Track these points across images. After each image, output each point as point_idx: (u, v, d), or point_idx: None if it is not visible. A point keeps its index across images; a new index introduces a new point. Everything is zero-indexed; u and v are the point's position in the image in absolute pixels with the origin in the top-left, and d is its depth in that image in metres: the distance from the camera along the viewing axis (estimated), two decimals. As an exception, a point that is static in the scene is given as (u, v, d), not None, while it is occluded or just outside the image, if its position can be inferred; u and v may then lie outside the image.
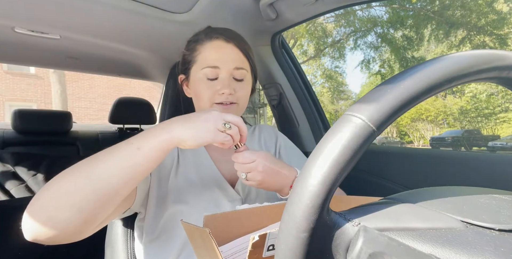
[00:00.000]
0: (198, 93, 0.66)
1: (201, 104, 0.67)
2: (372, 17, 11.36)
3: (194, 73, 0.67)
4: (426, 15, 10.05)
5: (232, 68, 0.65)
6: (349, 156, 0.22)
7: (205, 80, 0.65)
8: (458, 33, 10.34)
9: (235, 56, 0.66)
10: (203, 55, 0.65)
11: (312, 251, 0.23)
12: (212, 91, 0.64)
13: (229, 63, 0.64)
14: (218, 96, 0.64)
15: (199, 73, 0.65)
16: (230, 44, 0.66)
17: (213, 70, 0.64)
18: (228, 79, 0.65)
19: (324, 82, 16.04)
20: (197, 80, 0.66)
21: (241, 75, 0.66)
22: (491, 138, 10.95)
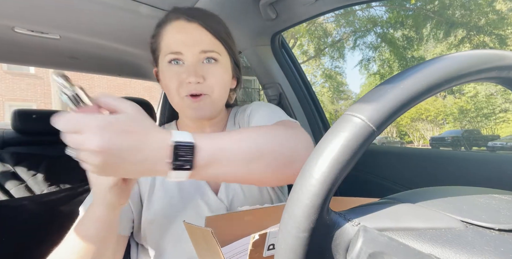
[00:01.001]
0: (165, 85, 0.59)
1: (171, 98, 0.60)
2: (372, 17, 11.36)
3: (161, 62, 0.60)
4: (426, 15, 10.05)
5: (198, 52, 0.56)
6: (349, 156, 0.22)
7: (169, 67, 0.57)
8: (458, 33, 10.34)
9: (201, 37, 0.56)
10: (165, 41, 0.58)
11: (312, 251, 0.23)
12: (178, 81, 0.56)
13: (193, 46, 0.56)
14: (185, 86, 0.56)
15: (164, 61, 0.58)
16: (193, 24, 0.56)
17: (176, 56, 0.56)
18: (195, 65, 0.56)
19: (324, 82, 16.04)
20: (163, 69, 0.59)
21: (211, 57, 0.58)
22: (491, 138, 10.95)
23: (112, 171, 0.34)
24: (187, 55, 0.56)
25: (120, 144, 0.32)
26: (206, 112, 0.59)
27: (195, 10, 0.60)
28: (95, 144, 0.31)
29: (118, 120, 0.33)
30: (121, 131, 0.32)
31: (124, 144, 0.32)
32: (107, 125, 0.32)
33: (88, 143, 0.31)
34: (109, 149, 0.31)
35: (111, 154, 0.32)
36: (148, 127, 0.35)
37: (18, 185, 1.38)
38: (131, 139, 0.33)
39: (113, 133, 0.32)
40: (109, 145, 0.31)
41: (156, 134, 0.35)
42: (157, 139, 0.35)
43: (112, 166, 0.33)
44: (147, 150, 0.33)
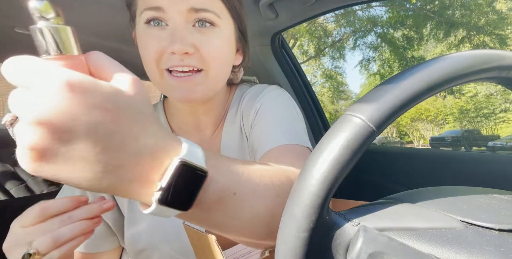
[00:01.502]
0: (141, 53, 0.45)
1: (148, 69, 0.45)
2: (372, 17, 11.36)
3: (137, 20, 0.45)
4: (426, 15, 10.06)
5: (186, 10, 0.41)
6: (349, 156, 0.22)
7: (146, 29, 0.42)
8: (458, 32, 10.35)
9: None
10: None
11: (312, 251, 0.23)
12: (157, 50, 0.42)
13: (180, 0, 0.40)
14: (168, 56, 0.42)
15: (139, 19, 0.43)
16: None
17: (155, 13, 0.41)
18: (183, 29, 0.41)
19: (324, 82, 16.05)
20: (139, 31, 0.44)
21: (202, 17, 0.42)
22: (491, 138, 10.95)
23: (52, 170, 0.20)
24: (170, 13, 0.41)
25: (88, 127, 0.19)
26: (197, 94, 0.45)
27: None
28: (44, 112, 0.18)
29: (102, 91, 0.20)
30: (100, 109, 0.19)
31: (96, 130, 0.19)
32: (81, 91, 0.19)
33: (36, 108, 0.18)
34: (66, 129, 0.18)
35: (65, 140, 0.19)
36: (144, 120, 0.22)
37: (18, 185, 1.38)
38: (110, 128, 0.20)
39: (86, 107, 0.19)
40: (70, 122, 0.18)
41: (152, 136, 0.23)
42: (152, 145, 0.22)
43: (57, 161, 0.19)
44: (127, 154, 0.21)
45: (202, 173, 0.24)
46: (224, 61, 0.46)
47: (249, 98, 0.57)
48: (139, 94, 0.23)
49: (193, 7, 0.41)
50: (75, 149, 0.19)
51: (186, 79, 0.43)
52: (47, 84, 0.18)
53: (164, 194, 0.22)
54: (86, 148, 0.19)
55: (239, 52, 0.54)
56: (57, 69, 0.20)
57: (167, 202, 0.22)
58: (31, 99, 0.19)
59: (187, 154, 0.23)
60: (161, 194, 0.22)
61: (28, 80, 0.19)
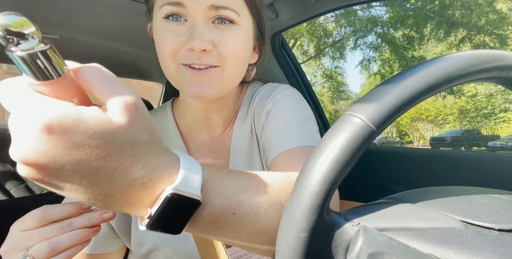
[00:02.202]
0: (158, 47, 0.44)
1: (163, 65, 0.45)
2: (372, 17, 11.37)
3: (155, 15, 0.44)
4: (426, 15, 10.06)
5: (207, 7, 0.40)
6: (349, 156, 0.22)
7: (164, 24, 0.42)
8: (458, 32, 10.35)
9: None
10: None
11: (312, 251, 0.23)
12: (175, 45, 0.41)
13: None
14: (185, 52, 0.41)
15: (158, 14, 0.43)
16: None
17: (175, 8, 0.40)
18: (202, 25, 0.41)
19: (324, 82, 16.05)
20: (157, 25, 0.43)
21: (224, 16, 0.42)
22: (491, 138, 10.95)
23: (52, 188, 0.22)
24: (191, 9, 0.40)
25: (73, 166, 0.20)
26: (212, 91, 0.44)
27: None
28: (27, 153, 0.19)
29: (86, 127, 0.20)
30: (84, 147, 0.19)
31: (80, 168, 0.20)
32: (62, 132, 0.19)
33: (20, 149, 0.19)
34: (51, 168, 0.20)
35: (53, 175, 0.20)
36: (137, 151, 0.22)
37: (18, 185, 1.38)
38: (96, 165, 0.20)
39: (67, 148, 0.19)
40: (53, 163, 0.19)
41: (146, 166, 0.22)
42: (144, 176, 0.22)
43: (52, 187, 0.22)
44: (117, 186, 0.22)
45: (196, 201, 0.24)
46: (240, 59, 0.45)
47: (260, 97, 0.56)
48: (132, 121, 0.22)
49: (214, 5, 0.41)
50: (65, 182, 0.21)
51: (203, 72, 0.42)
52: (27, 126, 0.19)
53: (153, 222, 0.23)
54: (74, 181, 0.21)
55: (256, 50, 0.53)
56: (38, 106, 0.19)
57: (156, 228, 0.24)
58: (16, 136, 0.19)
59: (181, 183, 0.23)
60: (150, 221, 0.23)
61: (13, 112, 0.20)
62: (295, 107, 0.52)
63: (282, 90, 0.56)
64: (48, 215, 0.32)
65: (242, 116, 0.57)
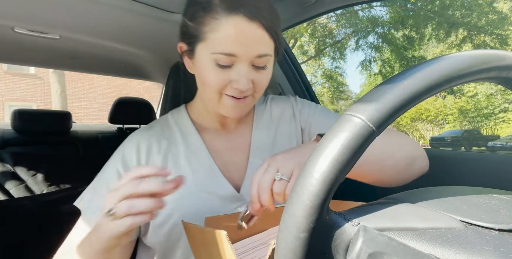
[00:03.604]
0: (205, 80, 0.51)
1: (207, 93, 0.53)
2: (372, 17, 11.36)
3: (201, 53, 0.50)
4: (426, 15, 10.05)
5: (254, 57, 0.49)
6: (349, 156, 0.22)
7: (214, 67, 0.49)
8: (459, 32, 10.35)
9: (260, 39, 0.48)
10: (215, 36, 0.47)
11: (312, 251, 0.23)
12: (223, 82, 0.50)
13: (251, 50, 0.48)
14: (230, 88, 0.50)
15: (208, 57, 0.49)
16: (254, 23, 0.46)
17: (227, 58, 0.48)
18: (247, 71, 0.49)
19: (324, 82, 16.05)
20: (204, 63, 0.50)
21: (263, 62, 0.50)
22: (491, 138, 10.95)
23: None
24: (240, 59, 0.48)
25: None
26: (243, 113, 0.56)
27: (257, 2, 0.48)
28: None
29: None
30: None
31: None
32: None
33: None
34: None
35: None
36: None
37: (18, 185, 1.38)
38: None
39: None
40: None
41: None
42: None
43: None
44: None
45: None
46: (266, 85, 0.55)
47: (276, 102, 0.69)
48: None
49: (259, 54, 0.49)
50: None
51: (242, 101, 0.52)
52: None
53: None
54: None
55: None
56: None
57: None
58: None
59: None
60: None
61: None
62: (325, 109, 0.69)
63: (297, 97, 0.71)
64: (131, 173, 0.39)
65: (259, 118, 0.66)
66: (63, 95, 7.22)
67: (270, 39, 0.50)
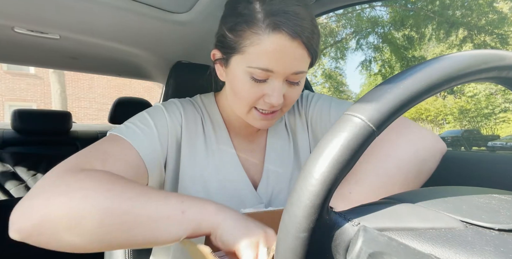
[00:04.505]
0: (237, 91, 0.51)
1: (238, 104, 0.53)
2: (372, 17, 11.37)
3: (236, 65, 0.50)
4: (426, 15, 10.06)
5: (290, 73, 0.49)
6: (349, 156, 0.22)
7: (249, 80, 0.49)
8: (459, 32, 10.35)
9: (299, 57, 0.48)
10: (254, 50, 0.47)
11: (312, 251, 0.23)
12: (255, 95, 0.50)
13: (289, 67, 0.48)
14: (262, 102, 0.51)
15: (244, 70, 0.49)
16: (295, 41, 0.46)
17: (264, 73, 0.48)
18: (281, 87, 0.49)
19: (324, 82, 16.05)
20: (238, 75, 0.50)
21: (297, 78, 0.51)
22: (490, 138, 10.95)
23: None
24: (277, 75, 0.48)
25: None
26: (270, 125, 0.56)
27: (297, 21, 0.46)
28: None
29: None
30: None
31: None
32: None
33: None
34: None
35: None
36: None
37: (18, 185, 1.38)
38: None
39: None
40: None
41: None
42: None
43: None
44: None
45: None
46: (295, 100, 0.55)
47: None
48: None
49: (295, 72, 0.49)
50: None
51: (270, 115, 0.53)
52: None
53: None
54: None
55: None
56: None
57: None
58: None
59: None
60: None
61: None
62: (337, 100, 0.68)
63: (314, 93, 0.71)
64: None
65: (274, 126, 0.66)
66: (63, 95, 7.22)
67: (309, 57, 0.49)
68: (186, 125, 0.57)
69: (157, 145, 0.51)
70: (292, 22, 0.45)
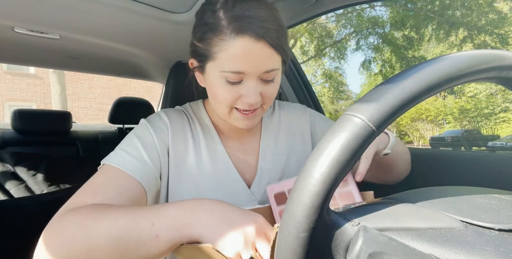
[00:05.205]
0: (216, 95, 0.54)
1: (218, 107, 0.56)
2: (372, 17, 11.36)
3: (211, 71, 0.53)
4: (426, 15, 10.06)
5: (262, 73, 0.51)
6: (349, 156, 0.22)
7: (224, 84, 0.52)
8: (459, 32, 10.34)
9: (267, 56, 0.50)
10: (224, 55, 0.49)
11: (312, 251, 0.23)
12: (233, 97, 0.52)
13: (259, 67, 0.50)
14: (240, 102, 0.53)
15: (218, 75, 0.52)
16: (261, 42, 0.48)
17: (236, 75, 0.50)
18: (255, 86, 0.52)
19: (324, 82, 16.05)
20: (214, 80, 0.53)
21: (271, 76, 0.53)
22: (490, 138, 10.94)
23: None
24: (249, 75, 0.51)
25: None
26: (254, 124, 0.58)
27: (260, 22, 0.48)
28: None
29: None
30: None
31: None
32: None
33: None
34: None
35: None
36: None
37: (18, 185, 1.38)
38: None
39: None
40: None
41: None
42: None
43: None
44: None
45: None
46: (274, 96, 0.57)
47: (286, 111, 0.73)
48: None
49: (266, 70, 0.51)
50: None
51: (251, 114, 0.55)
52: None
53: None
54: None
55: None
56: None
57: None
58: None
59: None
60: None
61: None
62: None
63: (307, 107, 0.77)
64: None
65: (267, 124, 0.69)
66: (63, 95, 7.22)
67: (278, 55, 0.51)
68: (173, 133, 0.60)
69: (147, 163, 0.54)
70: (255, 25, 0.47)
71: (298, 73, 1.28)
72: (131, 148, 0.55)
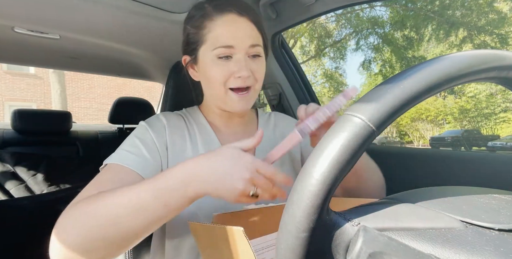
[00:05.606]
0: (210, 77, 0.58)
1: (213, 90, 0.60)
2: (372, 17, 11.36)
3: (204, 54, 0.59)
4: (426, 15, 10.06)
5: (248, 46, 0.57)
6: (349, 156, 0.22)
7: (217, 61, 0.57)
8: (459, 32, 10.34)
9: (250, 31, 0.57)
10: (214, 34, 0.56)
11: (312, 251, 0.23)
12: (226, 74, 0.57)
13: (245, 40, 0.56)
14: (233, 79, 0.57)
15: (210, 54, 0.57)
16: (243, 17, 0.57)
17: (226, 50, 0.56)
18: (244, 60, 0.57)
19: (324, 82, 16.05)
20: (207, 62, 0.58)
21: (256, 52, 0.58)
22: (490, 138, 10.94)
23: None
24: (238, 49, 0.56)
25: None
26: (248, 106, 0.61)
27: (241, 2, 0.59)
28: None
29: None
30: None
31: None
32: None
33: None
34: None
35: None
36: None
37: (18, 185, 1.38)
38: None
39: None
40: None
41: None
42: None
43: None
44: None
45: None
46: (263, 76, 0.62)
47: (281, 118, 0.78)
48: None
49: (252, 44, 0.57)
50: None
51: (245, 93, 0.59)
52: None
53: None
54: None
55: None
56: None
57: None
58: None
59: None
60: None
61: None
62: None
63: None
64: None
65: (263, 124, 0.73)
66: (63, 95, 7.22)
67: (258, 32, 0.59)
68: (170, 131, 0.62)
69: (147, 158, 0.56)
70: (236, 5, 0.57)
71: (298, 73, 1.28)
72: (131, 147, 0.57)
